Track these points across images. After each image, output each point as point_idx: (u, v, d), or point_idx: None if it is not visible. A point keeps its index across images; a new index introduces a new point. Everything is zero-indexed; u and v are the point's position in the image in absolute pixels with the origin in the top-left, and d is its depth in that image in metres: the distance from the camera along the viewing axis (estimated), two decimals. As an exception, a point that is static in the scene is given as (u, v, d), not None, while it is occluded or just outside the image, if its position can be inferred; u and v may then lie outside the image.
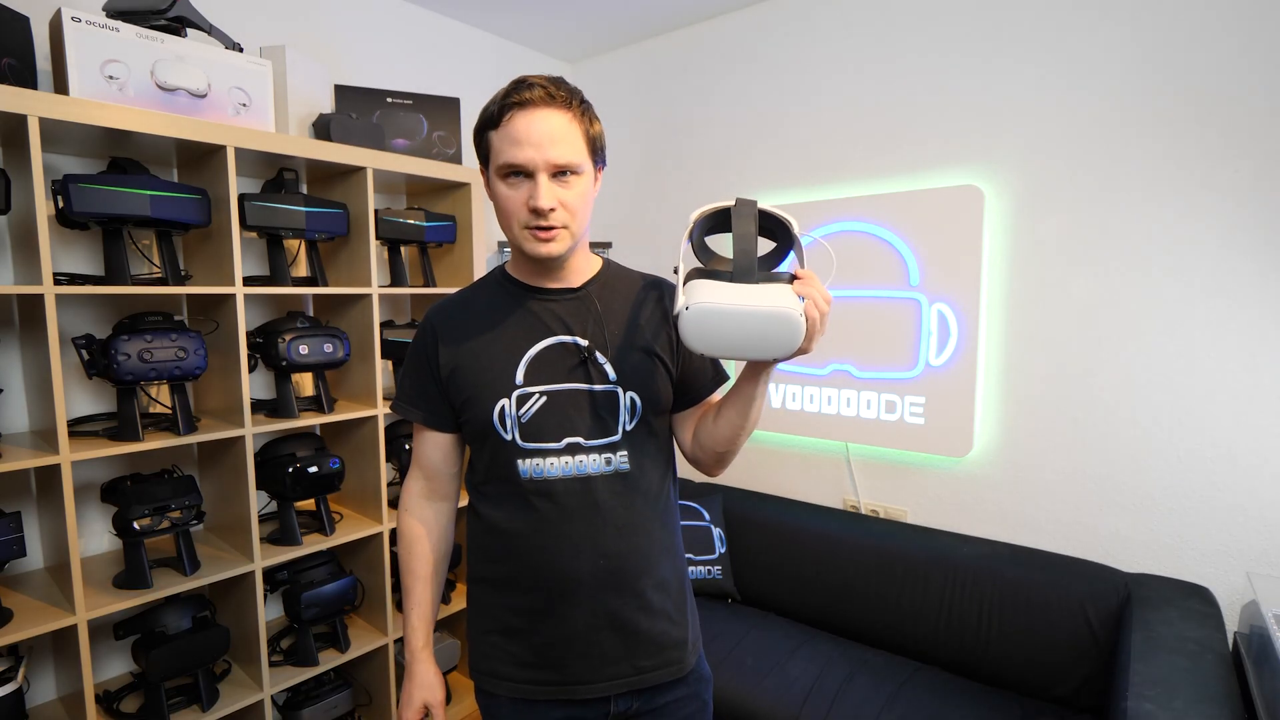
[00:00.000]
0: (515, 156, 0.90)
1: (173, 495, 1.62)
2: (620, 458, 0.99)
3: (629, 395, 0.99)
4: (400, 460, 2.11)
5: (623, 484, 0.99)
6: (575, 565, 0.97)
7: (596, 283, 1.04)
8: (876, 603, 2.02)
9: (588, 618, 0.98)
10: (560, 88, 0.91)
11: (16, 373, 1.65)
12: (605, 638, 0.99)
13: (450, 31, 2.63)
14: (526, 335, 0.99)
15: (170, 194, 1.57)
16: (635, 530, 1.00)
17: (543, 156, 0.89)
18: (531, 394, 0.97)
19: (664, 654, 1.02)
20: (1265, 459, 1.67)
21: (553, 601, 0.98)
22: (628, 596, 0.99)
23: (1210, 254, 1.71)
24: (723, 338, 0.84)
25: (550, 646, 0.99)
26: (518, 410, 0.97)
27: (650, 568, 1.01)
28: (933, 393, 2.11)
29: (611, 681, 1.00)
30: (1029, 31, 1.93)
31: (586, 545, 0.97)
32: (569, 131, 0.91)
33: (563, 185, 0.92)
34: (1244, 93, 1.65)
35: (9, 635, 1.37)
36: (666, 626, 1.03)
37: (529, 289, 1.02)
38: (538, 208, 0.90)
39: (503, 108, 0.91)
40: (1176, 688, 1.27)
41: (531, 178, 0.90)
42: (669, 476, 1.07)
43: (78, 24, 1.45)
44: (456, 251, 2.30)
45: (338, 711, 1.97)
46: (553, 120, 0.90)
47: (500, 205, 0.95)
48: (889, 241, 2.17)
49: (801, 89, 2.40)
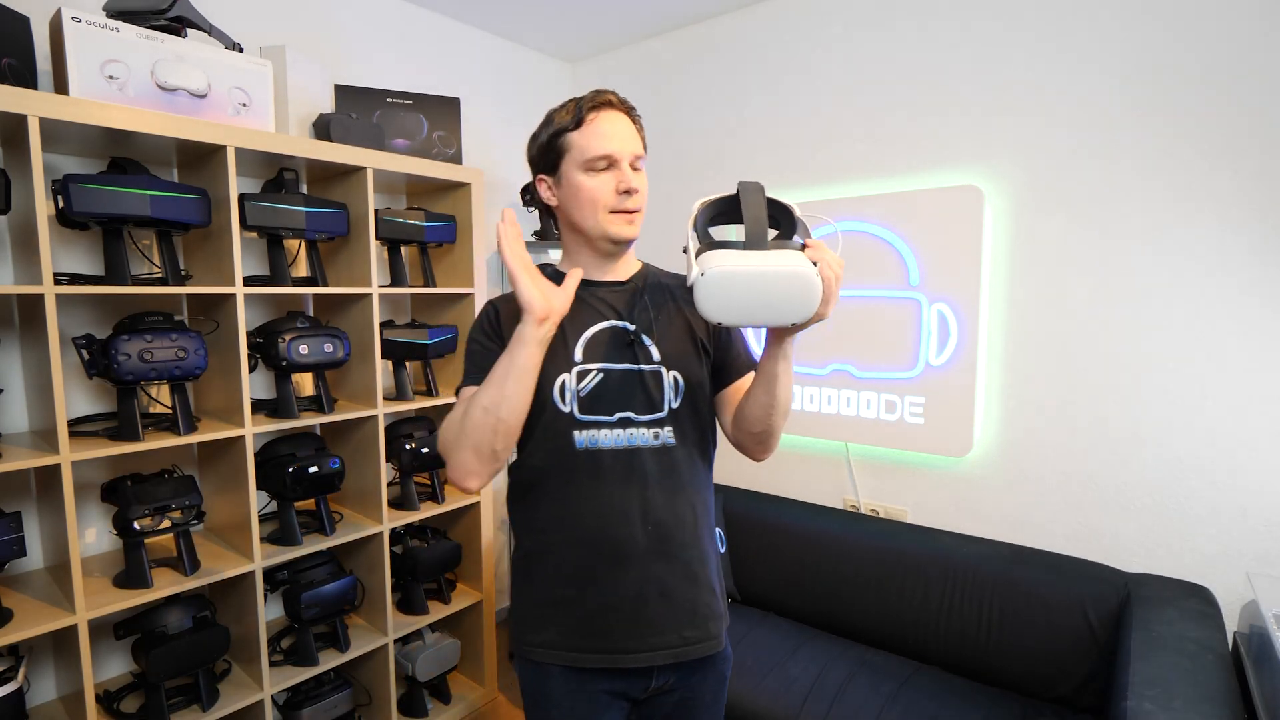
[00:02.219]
0: (605, 147, 1.01)
1: (173, 495, 1.62)
2: (666, 433, 1.05)
3: (672, 374, 1.07)
4: (400, 460, 2.11)
5: (669, 458, 1.05)
6: (626, 532, 1.02)
7: (640, 277, 1.15)
8: (876, 603, 2.02)
9: (637, 585, 1.03)
10: (625, 99, 1.07)
11: (16, 373, 1.65)
12: (653, 604, 1.04)
13: (450, 31, 2.63)
14: (583, 318, 1.07)
15: (170, 194, 1.57)
16: (680, 502, 1.06)
17: (628, 147, 1.03)
18: (590, 370, 1.05)
19: (706, 625, 1.08)
20: (1265, 459, 1.67)
21: (603, 567, 1.03)
22: (675, 564, 1.05)
23: (1210, 254, 1.71)
24: (740, 302, 0.84)
25: (599, 614, 1.03)
26: (577, 384, 1.04)
27: (694, 540, 1.07)
28: (933, 393, 2.11)
29: (655, 651, 1.04)
30: (1029, 31, 1.93)
31: (636, 513, 1.02)
32: (635, 132, 1.06)
33: (637, 175, 1.04)
34: (1244, 93, 1.65)
35: (9, 635, 1.37)
36: (709, 598, 1.09)
37: (583, 281, 1.10)
38: (630, 188, 1.02)
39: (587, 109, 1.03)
40: (1176, 688, 1.27)
41: (616, 166, 1.02)
42: (709, 458, 1.14)
43: (78, 24, 1.45)
44: (456, 251, 2.30)
45: (338, 711, 1.97)
46: (624, 121, 1.04)
47: (584, 195, 1.03)
48: (889, 241, 2.17)
49: (801, 89, 2.40)
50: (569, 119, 1.04)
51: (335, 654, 1.95)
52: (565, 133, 1.04)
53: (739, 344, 1.14)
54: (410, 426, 2.21)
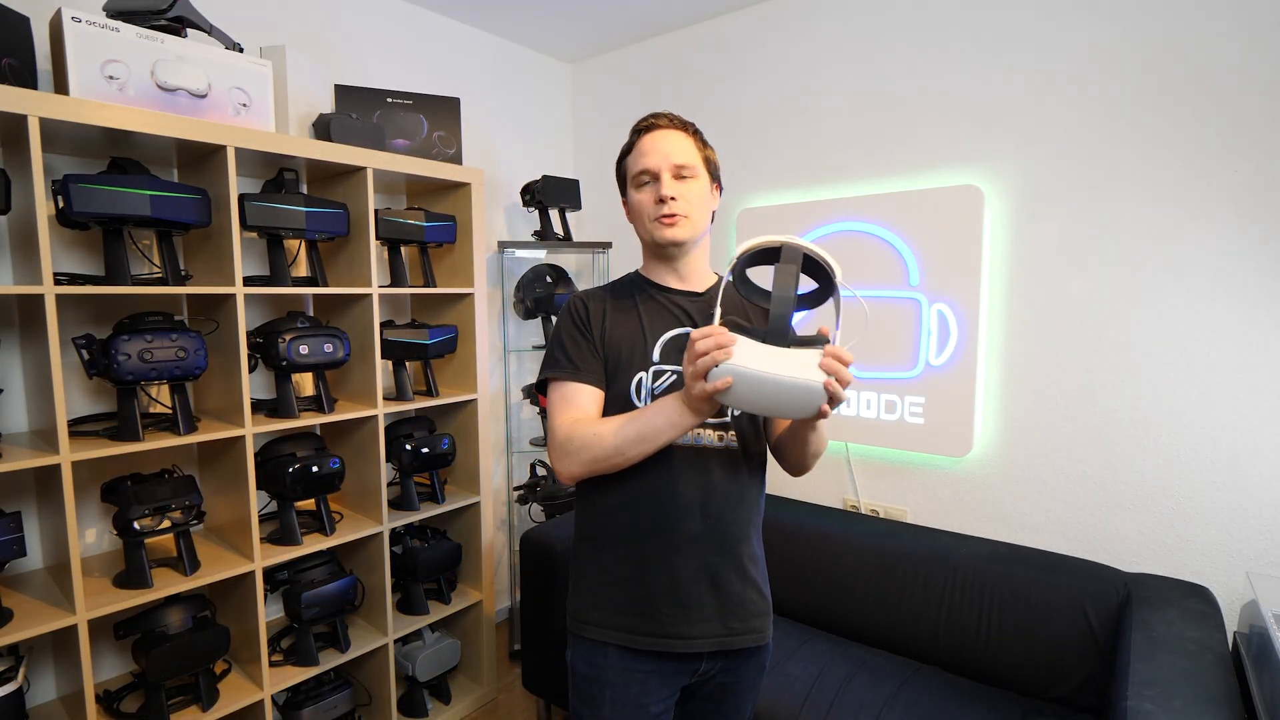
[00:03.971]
0: (644, 163, 1.11)
1: (173, 495, 1.62)
2: (730, 437, 1.12)
3: None
4: (400, 460, 2.11)
5: (730, 460, 1.12)
6: (686, 523, 1.09)
7: (715, 289, 1.20)
8: (876, 602, 2.02)
9: (692, 572, 1.10)
10: (678, 118, 1.14)
11: (16, 373, 1.65)
12: (704, 592, 1.11)
13: (450, 31, 2.63)
14: (661, 322, 1.15)
15: (170, 194, 1.57)
16: (738, 502, 1.13)
17: (665, 159, 1.10)
18: (664, 370, 1.13)
19: (750, 621, 1.15)
20: (1265, 459, 1.67)
21: (662, 552, 1.10)
22: (728, 558, 1.12)
23: (1210, 254, 1.71)
24: (747, 397, 0.91)
25: (655, 597, 1.10)
26: (653, 383, 1.12)
27: (747, 539, 1.15)
28: (933, 393, 2.11)
29: (704, 639, 1.11)
30: (1029, 31, 1.93)
31: (697, 507, 1.09)
32: (686, 145, 1.12)
33: (682, 183, 1.11)
34: (1244, 93, 1.65)
35: (9, 635, 1.37)
36: (756, 597, 1.16)
37: (661, 287, 1.19)
38: (662, 196, 1.09)
39: (636, 133, 1.15)
40: (1176, 688, 1.27)
41: (657, 179, 1.11)
42: (764, 467, 1.20)
43: (78, 24, 1.45)
44: (456, 251, 2.30)
45: (338, 711, 1.97)
46: (673, 136, 1.12)
47: (635, 210, 1.15)
48: (889, 241, 2.17)
49: (801, 89, 2.40)
50: (626, 145, 1.17)
51: (335, 654, 1.95)
52: (624, 158, 1.18)
53: None
54: (410, 426, 2.21)
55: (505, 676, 2.53)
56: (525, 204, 2.68)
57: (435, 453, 2.15)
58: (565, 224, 2.73)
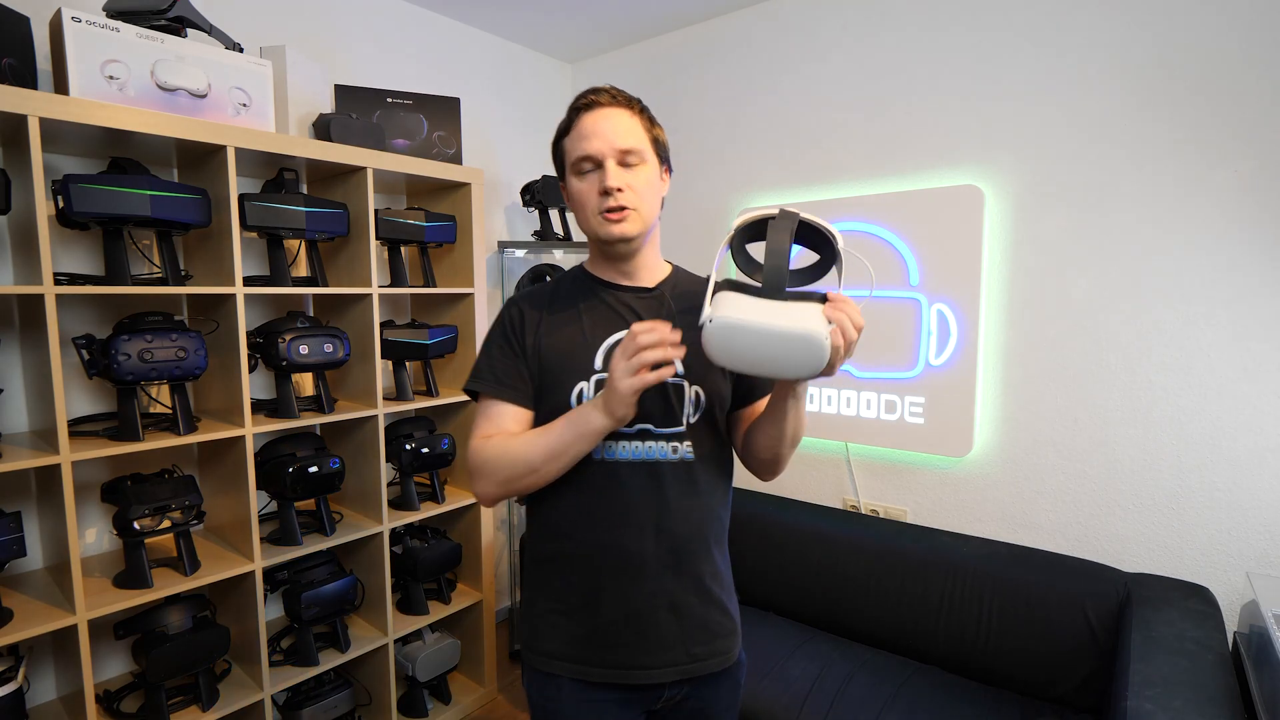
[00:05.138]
0: (585, 148, 0.98)
1: (173, 495, 1.62)
2: (686, 447, 1.03)
3: (694, 389, 1.03)
4: (400, 460, 2.11)
5: (686, 473, 1.03)
6: (639, 545, 1.00)
7: (668, 284, 1.10)
8: (876, 603, 2.02)
9: (647, 598, 1.01)
10: (622, 93, 1.03)
11: (16, 373, 1.65)
12: (663, 619, 1.02)
13: (450, 31, 2.63)
14: (605, 325, 1.05)
15: (170, 194, 1.57)
16: (696, 518, 1.03)
17: (609, 144, 0.97)
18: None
19: (715, 643, 1.06)
20: (1265, 459, 1.67)
21: (615, 579, 1.01)
22: (687, 581, 1.03)
23: (1210, 254, 1.71)
24: (744, 354, 0.83)
25: (610, 627, 1.02)
26: (595, 393, 1.01)
27: (708, 556, 1.05)
28: (933, 393, 2.11)
29: (666, 668, 1.02)
30: (1029, 31, 1.93)
31: (650, 527, 1.00)
32: (632, 125, 1.00)
33: (629, 171, 0.99)
34: (1244, 92, 1.65)
35: (9, 635, 1.37)
36: (720, 617, 1.07)
37: (607, 285, 1.08)
38: (607, 187, 0.97)
39: (572, 111, 1.01)
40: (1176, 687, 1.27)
41: (601, 166, 0.98)
42: (728, 474, 1.11)
43: (78, 24, 1.45)
44: (456, 251, 2.30)
45: (338, 711, 1.97)
46: (616, 115, 1.00)
47: (576, 199, 1.02)
48: (889, 241, 2.17)
49: (801, 89, 2.40)
50: (563, 123, 1.04)
51: (335, 654, 1.95)
52: (561, 138, 1.04)
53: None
54: (410, 427, 2.21)
55: (505, 676, 2.53)
56: (525, 204, 2.68)
57: (435, 453, 2.15)
58: (565, 224, 2.74)
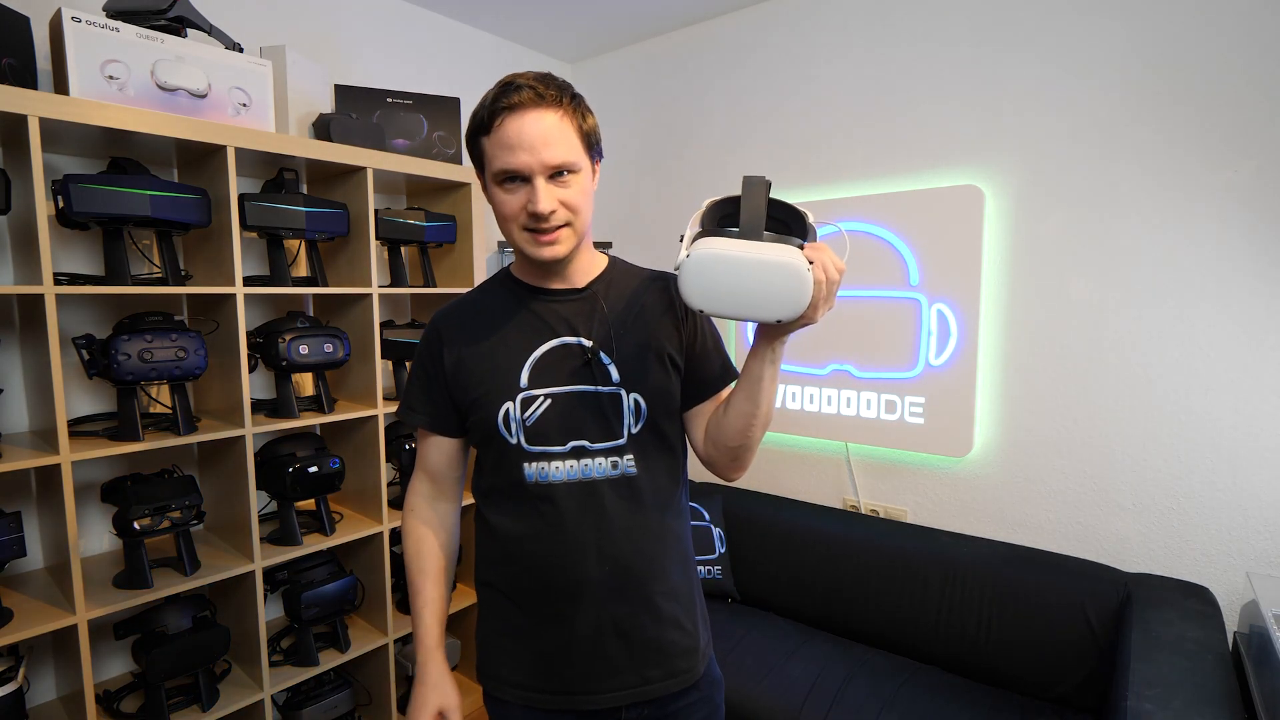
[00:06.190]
0: (510, 162, 0.87)
1: (173, 495, 1.62)
2: (627, 461, 0.96)
3: (633, 397, 0.97)
4: (400, 460, 2.11)
5: (629, 488, 0.97)
6: (581, 570, 0.95)
7: (602, 282, 1.02)
8: (876, 603, 2.02)
9: (593, 625, 0.96)
10: (549, 85, 0.89)
11: (16, 373, 1.65)
12: (611, 645, 0.97)
13: (450, 31, 2.63)
14: (531, 337, 0.97)
15: (170, 194, 1.57)
16: (643, 535, 0.97)
17: (537, 159, 0.87)
18: (536, 396, 0.95)
19: (672, 663, 1.00)
20: (1265, 459, 1.67)
21: (558, 607, 0.96)
22: (635, 603, 0.97)
23: (1210, 254, 1.71)
24: (724, 290, 0.79)
25: (556, 653, 0.97)
26: (522, 414, 0.95)
27: (659, 574, 0.99)
28: (933, 393, 2.11)
29: (617, 692, 0.97)
30: (1029, 31, 1.93)
31: (592, 550, 0.95)
32: (562, 130, 0.88)
33: (561, 185, 0.90)
34: (1244, 93, 1.65)
35: (9, 635, 1.37)
36: (676, 635, 1.00)
37: (534, 290, 1.00)
38: (537, 212, 0.88)
39: (492, 112, 0.88)
40: (1176, 688, 1.27)
41: (528, 181, 0.88)
42: (679, 481, 1.05)
43: (78, 24, 1.45)
44: (456, 251, 2.30)
45: (338, 711, 1.97)
46: (544, 121, 0.87)
47: (499, 210, 0.93)
48: (889, 241, 2.17)
49: (801, 89, 2.40)
50: (483, 116, 0.90)
51: (335, 654, 1.95)
52: (478, 135, 0.92)
53: (718, 355, 1.03)
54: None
55: (505, 676, 2.52)
56: (525, 204, 2.67)
57: (435, 453, 2.15)
58: (565, 224, 2.73)
